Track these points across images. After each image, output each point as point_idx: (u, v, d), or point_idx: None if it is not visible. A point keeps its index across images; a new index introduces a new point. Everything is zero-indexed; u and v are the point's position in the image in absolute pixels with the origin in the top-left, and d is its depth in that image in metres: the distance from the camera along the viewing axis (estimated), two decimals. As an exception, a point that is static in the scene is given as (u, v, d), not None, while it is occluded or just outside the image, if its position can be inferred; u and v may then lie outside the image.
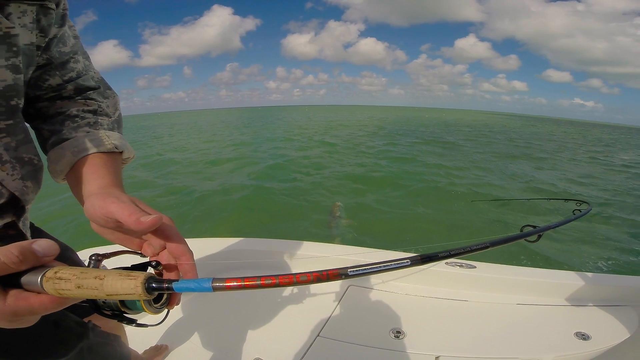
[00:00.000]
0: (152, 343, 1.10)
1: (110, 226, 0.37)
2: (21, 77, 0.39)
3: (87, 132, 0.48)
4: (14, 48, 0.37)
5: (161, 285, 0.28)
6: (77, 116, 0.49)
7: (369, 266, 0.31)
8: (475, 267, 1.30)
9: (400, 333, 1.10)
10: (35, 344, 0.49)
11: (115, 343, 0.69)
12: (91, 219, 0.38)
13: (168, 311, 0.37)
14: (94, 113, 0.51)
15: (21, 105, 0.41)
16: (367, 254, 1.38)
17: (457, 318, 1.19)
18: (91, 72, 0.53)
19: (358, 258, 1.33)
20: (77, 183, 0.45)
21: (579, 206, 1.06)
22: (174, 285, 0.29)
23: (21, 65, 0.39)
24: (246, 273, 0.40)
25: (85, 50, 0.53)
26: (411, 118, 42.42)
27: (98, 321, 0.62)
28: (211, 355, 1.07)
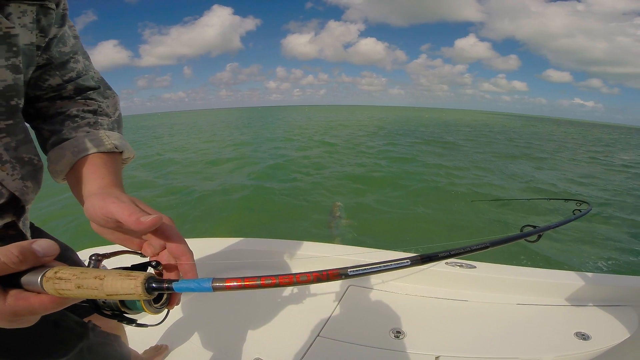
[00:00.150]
0: (152, 343, 1.10)
1: (110, 226, 0.37)
2: (21, 77, 0.39)
3: (87, 132, 0.48)
4: (14, 48, 0.37)
5: (161, 285, 0.28)
6: (77, 116, 0.49)
7: (369, 266, 0.31)
8: (475, 267, 1.30)
9: (400, 333, 1.10)
10: (35, 344, 0.49)
11: (115, 343, 0.69)
12: (91, 219, 0.38)
13: (168, 311, 0.37)
14: (94, 113, 0.51)
15: (21, 105, 0.41)
16: (367, 254, 1.38)
17: (457, 318, 1.19)
18: (91, 72, 0.53)
19: (358, 258, 1.33)
20: (77, 183, 0.45)
21: (579, 206, 1.06)
22: (174, 285, 0.29)
23: (21, 65, 0.39)
24: (246, 273, 0.40)
25: (85, 50, 0.53)
26: (411, 118, 42.42)
27: (98, 321, 0.62)
28: (211, 355, 1.07)
